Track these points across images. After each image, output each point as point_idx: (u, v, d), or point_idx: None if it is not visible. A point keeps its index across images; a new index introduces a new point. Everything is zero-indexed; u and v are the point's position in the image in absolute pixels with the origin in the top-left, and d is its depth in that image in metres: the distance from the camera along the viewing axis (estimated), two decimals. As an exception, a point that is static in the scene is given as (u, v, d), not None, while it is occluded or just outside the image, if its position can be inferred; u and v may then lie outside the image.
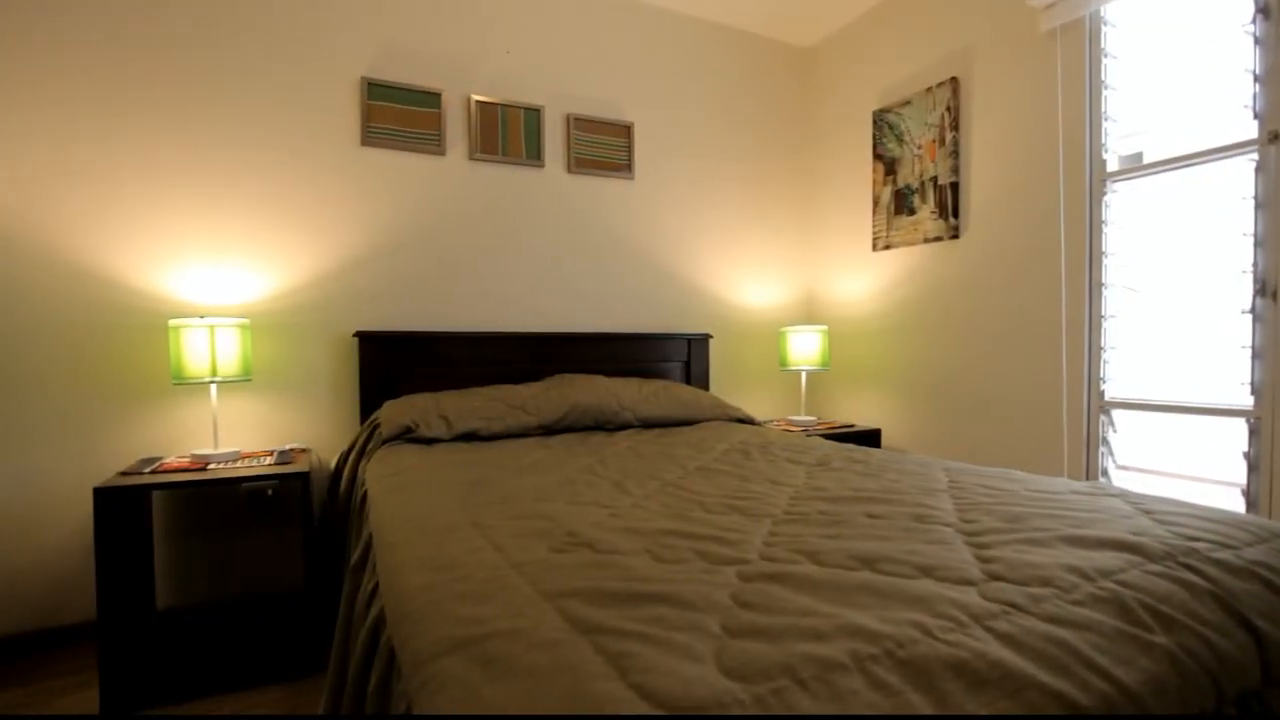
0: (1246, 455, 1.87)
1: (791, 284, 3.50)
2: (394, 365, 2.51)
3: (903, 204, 2.93)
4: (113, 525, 1.81)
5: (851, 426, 3.02)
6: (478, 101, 2.70)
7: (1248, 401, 1.87)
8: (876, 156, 3.06)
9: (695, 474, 1.66)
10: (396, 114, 2.56)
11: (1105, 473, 2.23)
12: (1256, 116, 1.84)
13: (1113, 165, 2.19)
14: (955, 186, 2.69)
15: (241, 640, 1.97)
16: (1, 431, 2.06)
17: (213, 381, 2.07)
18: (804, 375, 3.20)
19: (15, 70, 2.06)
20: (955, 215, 2.69)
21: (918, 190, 2.86)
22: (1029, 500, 1.29)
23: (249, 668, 1.90)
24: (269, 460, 2.08)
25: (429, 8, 2.65)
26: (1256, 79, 1.84)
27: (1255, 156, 1.85)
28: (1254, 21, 1.84)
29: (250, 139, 2.36)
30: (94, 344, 2.16)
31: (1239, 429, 1.89)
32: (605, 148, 2.96)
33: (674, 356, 3.07)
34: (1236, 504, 1.89)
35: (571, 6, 2.93)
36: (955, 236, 2.70)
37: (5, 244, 2.06)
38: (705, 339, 3.15)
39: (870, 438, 2.97)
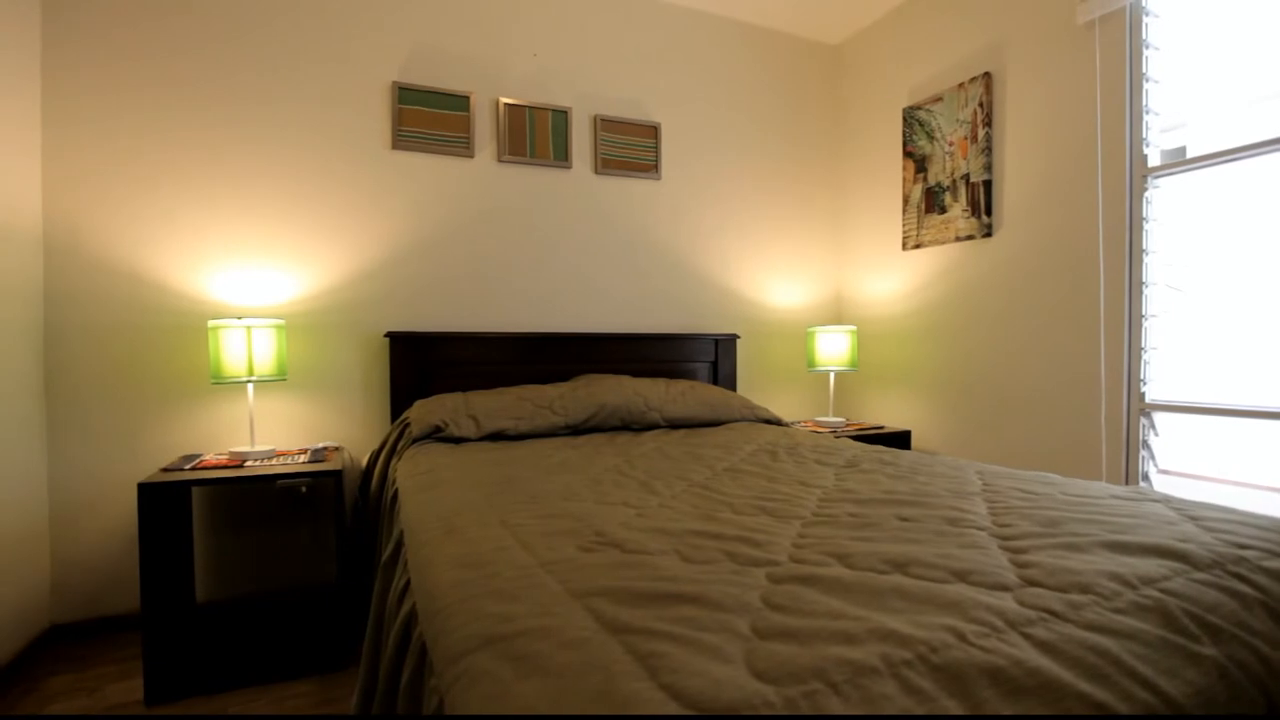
0: (1297, 460, 1.80)
1: (820, 284, 3.47)
2: (424, 365, 2.54)
3: (934, 202, 2.89)
4: (156, 520, 1.86)
5: (881, 428, 2.98)
6: (506, 104, 2.72)
7: (1299, 404, 1.80)
8: (907, 154, 3.02)
9: (723, 475, 1.65)
10: (426, 117, 2.60)
11: (1146, 477, 2.17)
12: (1308, 108, 1.77)
13: (1154, 160, 2.13)
14: (988, 184, 2.63)
15: (276, 633, 2.02)
16: (54, 429, 2.14)
17: (250, 381, 2.12)
18: (832, 376, 3.16)
19: (74, 84, 2.15)
20: (988, 213, 2.64)
21: (949, 188, 2.81)
22: (1066, 504, 1.26)
23: (283, 660, 1.94)
24: (303, 458, 2.13)
25: (458, 12, 2.68)
26: (1308, 69, 1.77)
27: (1307, 150, 1.78)
28: (1306, 9, 1.77)
29: (286, 144, 2.42)
30: (138, 344, 2.24)
31: (1289, 433, 1.83)
32: (632, 148, 2.97)
33: (701, 357, 3.06)
34: (1287, 511, 1.82)
35: (598, 8, 2.94)
36: (988, 235, 2.65)
37: (59, 248, 2.14)
38: (732, 339, 3.13)
39: (900, 439, 2.93)
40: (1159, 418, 2.14)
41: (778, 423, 2.68)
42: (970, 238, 2.71)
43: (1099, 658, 0.70)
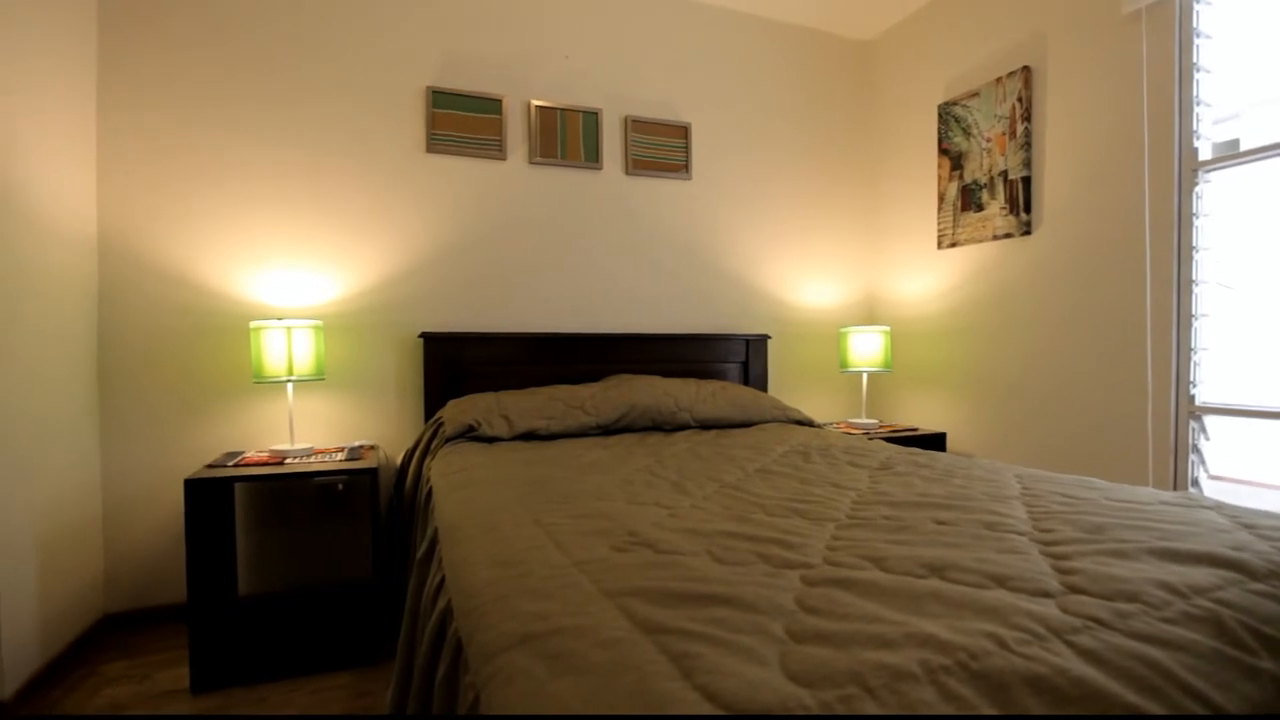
0: (1360, 466, 1.72)
1: (852, 283, 3.42)
2: (457, 365, 2.58)
3: (970, 200, 2.83)
4: (201, 515, 1.92)
5: (915, 430, 2.92)
6: (537, 106, 2.75)
7: (1362, 408, 1.72)
8: (942, 151, 2.96)
9: (754, 476, 1.64)
10: (459, 121, 2.63)
11: (1196, 483, 2.09)
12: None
13: (1205, 154, 2.05)
14: (1027, 181, 2.57)
15: (313, 627, 2.06)
16: (106, 427, 2.23)
17: (289, 380, 2.17)
18: (865, 377, 3.12)
19: (127, 101, 2.23)
20: (1027, 211, 2.57)
21: (986, 185, 2.75)
22: (1111, 510, 1.22)
23: (320, 653, 1.99)
24: (340, 456, 2.18)
25: (490, 17, 2.71)
26: (1373, 56, 1.69)
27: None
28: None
29: (325, 148, 2.47)
30: (184, 344, 2.31)
31: (1351, 437, 1.74)
32: (663, 148, 2.97)
33: (731, 357, 3.05)
34: (1348, 519, 1.74)
35: (628, 9, 2.95)
36: (1027, 233, 2.58)
37: (112, 252, 2.23)
38: (763, 340, 3.11)
39: (935, 442, 2.87)
40: (1210, 421, 2.06)
41: (809, 424, 2.65)
42: (1008, 236, 2.65)
43: (1148, 669, 0.67)
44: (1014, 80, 2.60)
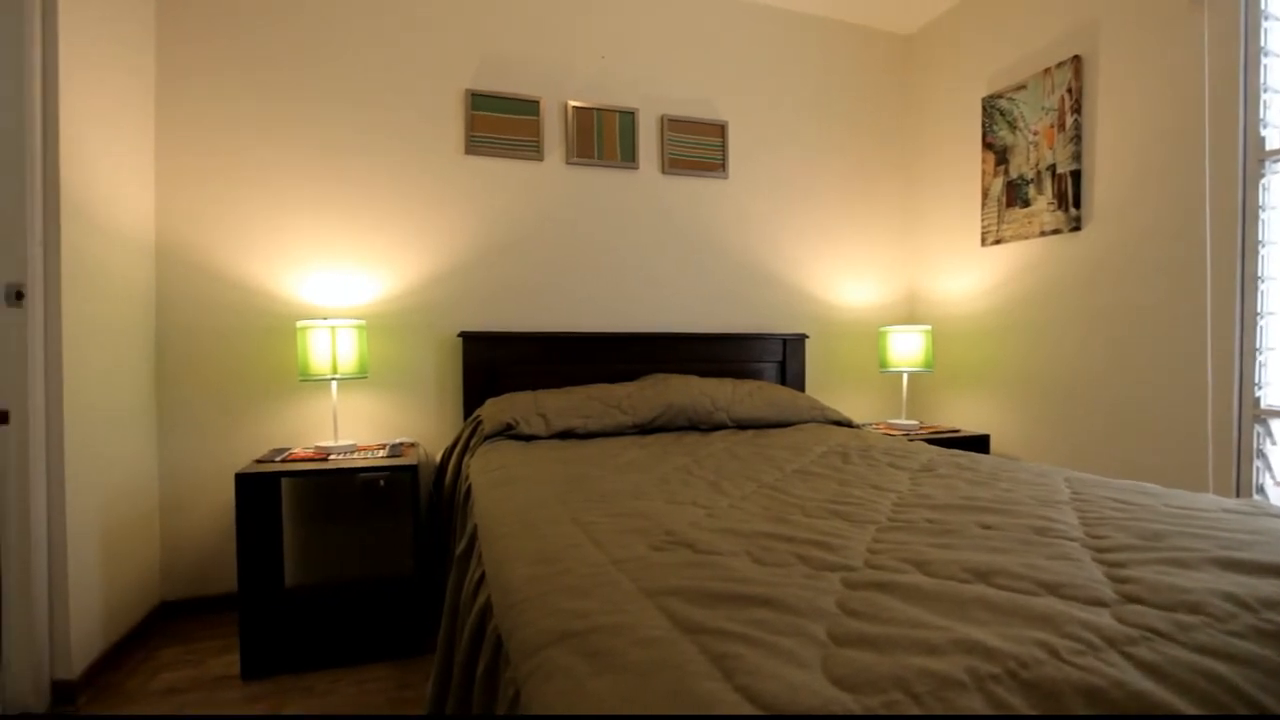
0: None
1: (892, 282, 3.36)
2: (495, 364, 2.62)
3: (1016, 195, 2.74)
4: (250, 508, 1.99)
5: (957, 431, 2.85)
6: (574, 107, 2.77)
7: None
8: (986, 146, 2.88)
9: (793, 477, 1.62)
10: (497, 122, 2.67)
11: (1261, 490, 1.99)
12: None
13: (1273, 143, 1.95)
14: (1076, 175, 2.48)
15: (356, 619, 2.11)
16: (163, 422, 2.33)
17: (333, 379, 2.23)
18: (905, 377, 3.06)
19: (182, 112, 2.32)
20: (1076, 206, 2.48)
21: (1033, 180, 2.66)
22: (1169, 517, 1.17)
23: (363, 644, 2.04)
24: (381, 453, 2.23)
25: (527, 20, 2.74)
26: None
27: None
28: None
29: (367, 151, 2.54)
30: (234, 343, 2.40)
31: None
32: (699, 147, 2.96)
33: (769, 357, 3.02)
34: None
35: (664, 8, 2.95)
36: (1076, 229, 2.49)
37: (168, 255, 2.32)
38: (801, 339, 3.07)
39: (978, 444, 2.80)
40: (1276, 425, 1.96)
41: (848, 424, 2.61)
42: (1056, 232, 2.56)
43: (1213, 684, 0.64)
44: (1063, 71, 2.52)
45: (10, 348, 1.69)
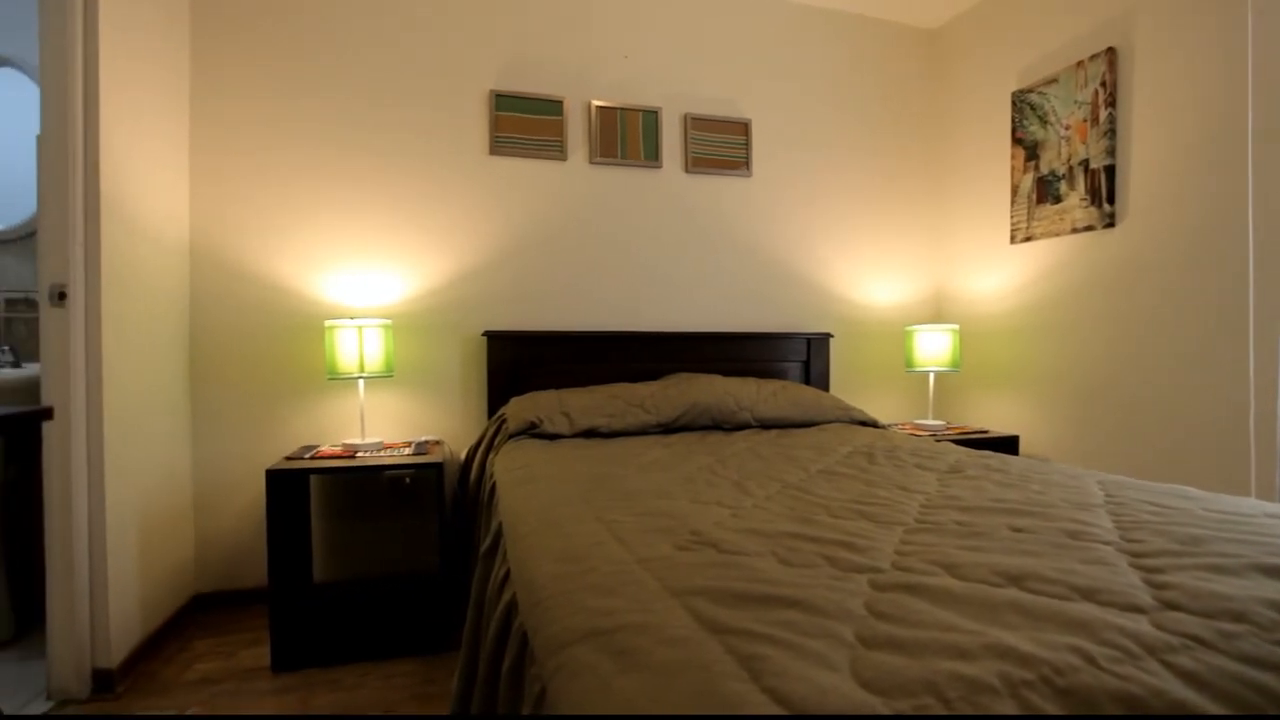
0: None
1: (919, 280, 3.31)
2: (519, 363, 2.63)
3: (1046, 191, 2.69)
4: (280, 503, 2.03)
5: (985, 432, 2.81)
6: (598, 106, 2.77)
7: None
8: (1016, 141, 2.82)
9: (818, 477, 1.61)
10: (521, 123, 2.69)
11: (1304, 493, 1.93)
12: None
13: (1317, 137, 1.89)
14: (1110, 170, 2.42)
15: (383, 614, 2.14)
16: (197, 419, 2.38)
17: (360, 377, 2.27)
18: (932, 377, 3.01)
19: (216, 114, 2.38)
20: (1110, 201, 2.43)
21: (1065, 176, 2.61)
22: (1208, 521, 1.14)
23: (389, 639, 2.06)
24: (407, 451, 2.25)
25: (551, 20, 2.75)
26: None
27: None
28: None
29: (393, 154, 2.57)
30: (265, 342, 2.44)
31: None
32: (723, 145, 2.94)
33: (792, 356, 3.00)
34: None
35: (688, 6, 2.94)
36: (1110, 225, 2.43)
37: (202, 256, 2.38)
38: (825, 338, 3.05)
39: (1007, 445, 2.75)
40: (1321, 427, 1.89)
41: (873, 425, 2.58)
42: (1089, 228, 2.51)
43: (1260, 696, 0.62)
44: (1096, 63, 2.46)
45: (54, 346, 1.75)
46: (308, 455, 2.19)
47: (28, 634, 2.08)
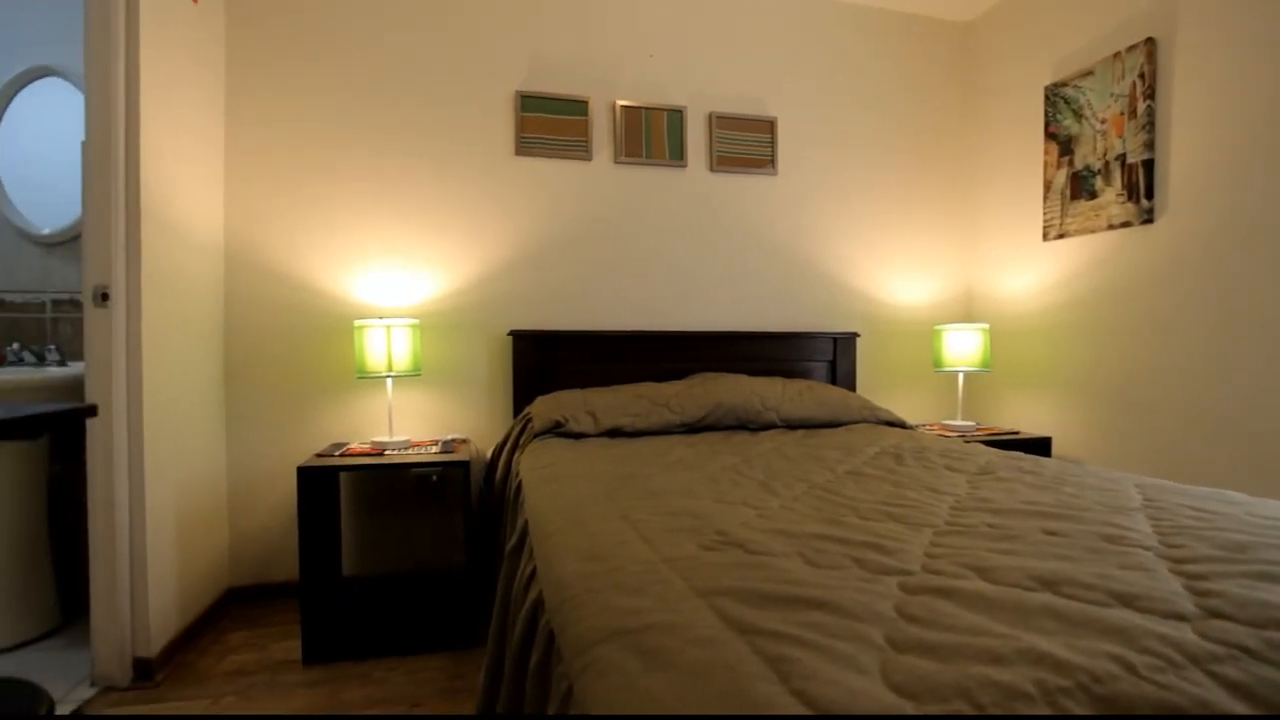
0: None
1: (948, 279, 3.26)
2: (544, 362, 2.65)
3: (1081, 187, 2.62)
4: (311, 500, 2.07)
5: (1017, 433, 2.75)
6: (622, 106, 2.78)
7: None
8: (1049, 136, 2.76)
9: (845, 478, 1.59)
10: (547, 123, 2.70)
11: (1355, 499, 1.85)
12: None
13: (1370, 128, 1.81)
14: (1149, 164, 2.36)
15: (410, 610, 2.17)
16: (231, 417, 2.44)
17: (389, 376, 2.30)
18: (961, 377, 2.96)
19: (249, 118, 2.44)
20: (1149, 196, 2.36)
21: (1100, 171, 2.54)
22: (1255, 527, 1.10)
23: (416, 635, 2.09)
24: (434, 449, 2.28)
25: (576, 21, 2.76)
26: None
27: None
28: None
29: (421, 156, 2.60)
30: (296, 342, 2.49)
31: None
32: (748, 144, 2.93)
33: (818, 356, 2.97)
34: None
35: (713, 4, 2.92)
36: (1148, 221, 2.37)
37: (236, 257, 2.44)
38: (852, 338, 3.01)
39: (1039, 446, 2.69)
40: (1374, 430, 1.82)
41: (901, 425, 2.55)
42: (1126, 225, 2.44)
43: (1310, 706, 0.60)
44: (1135, 55, 2.39)
45: (98, 346, 1.80)
46: (337, 453, 2.23)
47: (73, 623, 2.15)
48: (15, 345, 2.31)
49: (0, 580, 2.00)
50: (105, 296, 1.80)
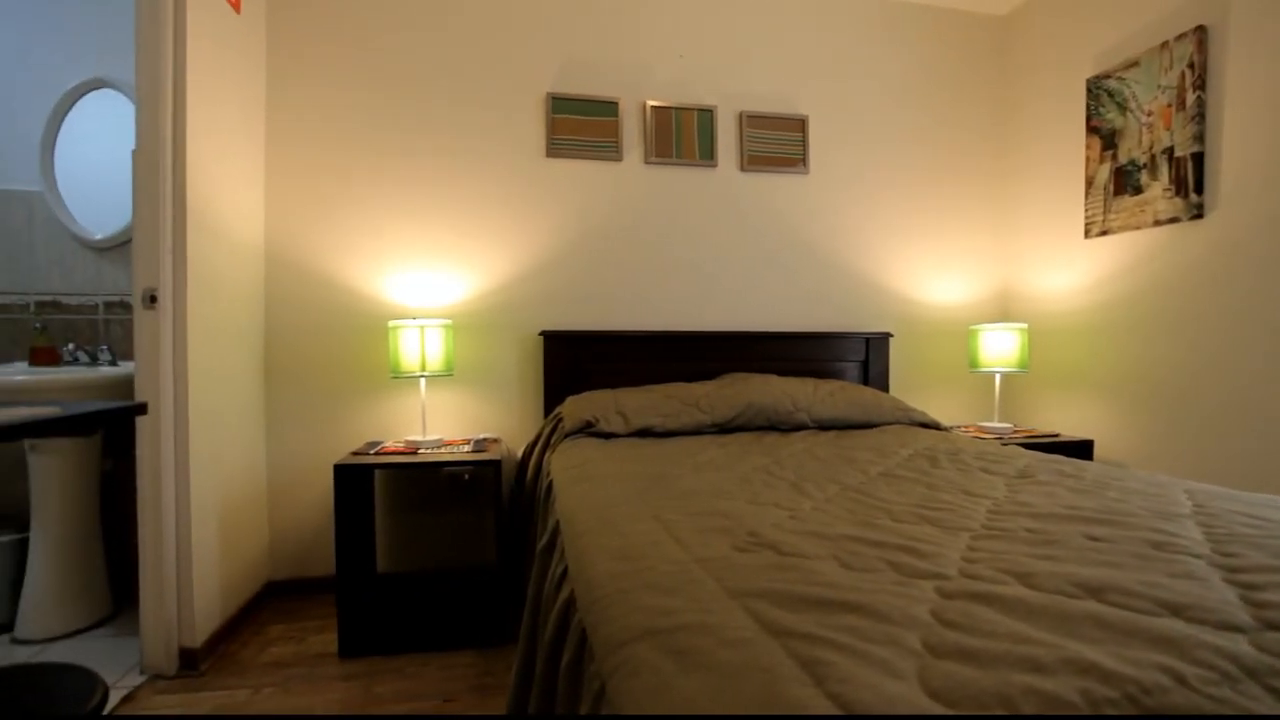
0: None
1: (984, 277, 3.19)
2: (575, 362, 2.67)
3: (1125, 182, 2.54)
4: (347, 497, 2.12)
5: (1056, 436, 2.68)
6: (652, 106, 2.78)
7: None
8: (1091, 130, 2.68)
9: (878, 479, 1.57)
10: (577, 125, 2.72)
11: None
12: None
13: None
14: (1199, 157, 2.27)
15: (442, 606, 2.19)
16: (271, 415, 2.51)
17: (422, 376, 2.34)
18: (998, 377, 2.89)
19: (287, 125, 2.50)
20: (1198, 191, 2.27)
21: (1146, 165, 2.46)
22: (1313, 535, 1.06)
23: (448, 631, 2.12)
24: (466, 448, 2.31)
25: (606, 22, 2.77)
26: None
27: None
28: None
29: (454, 158, 2.64)
30: (333, 342, 2.55)
31: None
32: (779, 143, 2.90)
33: (850, 356, 2.93)
34: None
35: (743, 3, 2.91)
36: (1198, 216, 2.28)
37: (276, 258, 2.50)
38: (885, 338, 2.97)
39: (1080, 449, 2.61)
40: None
41: (935, 427, 2.50)
42: (1174, 220, 2.36)
43: (1375, 723, 0.58)
44: (1183, 44, 2.31)
45: (146, 346, 1.87)
46: (372, 451, 2.27)
47: (123, 612, 2.24)
48: (71, 345, 2.41)
49: (56, 571, 2.08)
50: (153, 299, 1.87)
